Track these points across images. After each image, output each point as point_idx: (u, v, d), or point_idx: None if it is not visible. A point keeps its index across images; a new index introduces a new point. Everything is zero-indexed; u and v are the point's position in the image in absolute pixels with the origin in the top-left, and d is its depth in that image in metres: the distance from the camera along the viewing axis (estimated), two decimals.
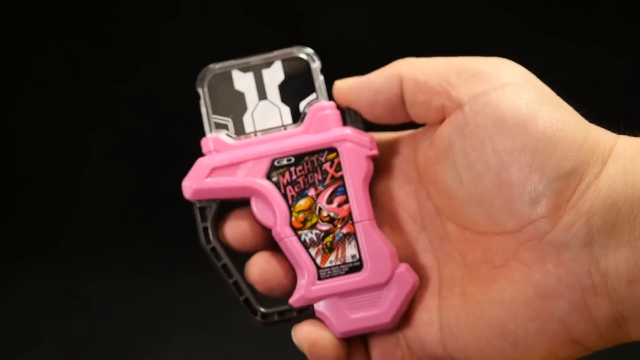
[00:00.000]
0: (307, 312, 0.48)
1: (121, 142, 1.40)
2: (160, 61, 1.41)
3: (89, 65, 1.42)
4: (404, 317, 0.48)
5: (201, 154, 0.50)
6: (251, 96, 0.51)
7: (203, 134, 0.50)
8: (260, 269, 0.48)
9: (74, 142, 1.40)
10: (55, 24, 1.42)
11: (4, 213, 1.39)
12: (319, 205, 0.48)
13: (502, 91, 0.44)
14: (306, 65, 0.51)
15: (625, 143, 0.43)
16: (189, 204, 0.50)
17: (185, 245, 1.20)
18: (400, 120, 0.49)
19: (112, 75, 1.41)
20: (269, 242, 0.50)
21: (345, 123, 0.50)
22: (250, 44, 0.56)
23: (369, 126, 0.50)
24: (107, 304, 1.28)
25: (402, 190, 0.50)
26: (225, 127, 0.50)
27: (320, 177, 0.48)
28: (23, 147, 1.42)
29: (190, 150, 0.51)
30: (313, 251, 0.48)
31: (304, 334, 0.48)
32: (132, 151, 1.39)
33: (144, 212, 1.36)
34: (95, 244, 1.35)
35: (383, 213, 0.50)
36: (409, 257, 0.49)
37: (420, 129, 0.50)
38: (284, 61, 0.51)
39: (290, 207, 0.48)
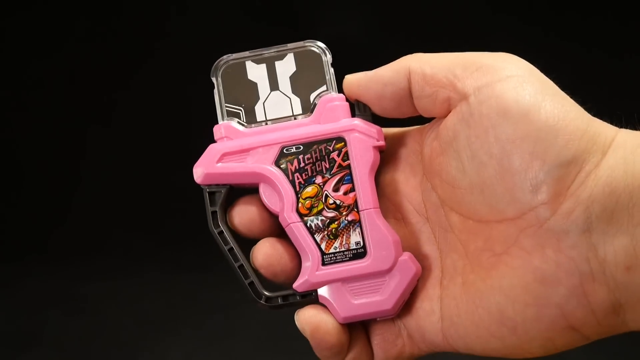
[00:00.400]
0: (310, 297, 0.49)
1: (121, 142, 1.40)
2: (160, 63, 1.41)
3: (88, 64, 1.43)
4: (406, 306, 0.49)
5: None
6: (263, 86, 0.52)
7: (205, 136, 0.52)
8: (265, 254, 0.49)
9: (74, 142, 1.41)
10: (55, 22, 1.42)
11: (4, 213, 1.39)
12: (325, 192, 0.49)
13: (506, 83, 0.45)
14: (318, 59, 0.52)
15: (625, 135, 0.44)
16: (189, 205, 0.51)
17: (185, 245, 1.21)
18: (408, 114, 0.51)
19: (112, 75, 1.41)
20: (275, 229, 0.51)
21: (354, 115, 0.51)
22: (250, 44, 0.57)
23: (377, 121, 0.51)
24: (107, 304, 1.28)
25: (407, 183, 0.51)
26: (237, 115, 0.51)
27: (327, 166, 0.50)
28: (23, 147, 1.42)
29: (191, 152, 0.52)
30: (318, 237, 0.49)
31: (306, 317, 0.48)
32: (133, 152, 1.39)
33: (144, 212, 1.36)
34: (95, 244, 1.36)
35: (389, 205, 0.51)
36: (413, 248, 0.50)
37: (427, 124, 0.52)
38: (296, 54, 0.52)
39: (297, 193, 0.49)
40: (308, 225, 0.49)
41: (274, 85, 0.52)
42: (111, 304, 1.28)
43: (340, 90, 0.52)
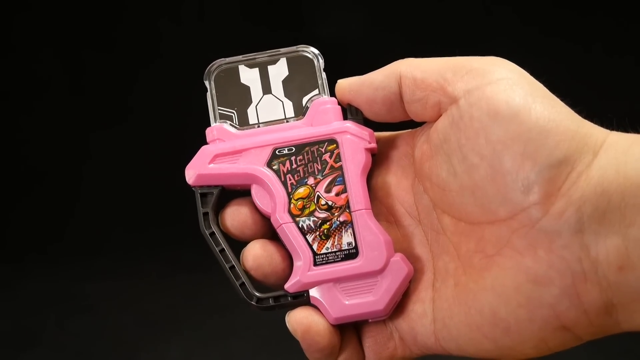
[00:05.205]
0: (302, 299, 0.49)
1: (122, 143, 1.40)
2: (161, 63, 1.42)
3: (90, 67, 1.43)
4: (398, 309, 0.49)
5: None
6: (256, 90, 0.52)
7: (204, 136, 0.52)
8: (255, 255, 0.49)
9: (75, 142, 1.41)
10: (57, 26, 1.43)
11: (4, 213, 1.40)
12: (317, 193, 0.49)
13: (496, 85, 0.45)
14: (310, 63, 0.52)
15: (617, 137, 0.44)
16: (189, 204, 0.51)
17: (186, 245, 1.21)
18: (399, 118, 0.51)
19: (114, 78, 1.41)
20: (267, 232, 0.51)
21: (346, 119, 0.51)
22: (250, 45, 0.57)
23: (369, 126, 0.52)
24: (107, 303, 1.28)
25: (399, 186, 0.52)
26: (229, 118, 0.52)
27: (319, 167, 0.50)
28: (24, 147, 1.43)
29: (191, 152, 0.52)
30: (310, 237, 0.49)
31: (297, 319, 0.48)
32: (133, 152, 1.40)
33: (144, 212, 1.36)
34: (96, 244, 1.36)
35: (381, 207, 0.52)
36: (405, 251, 0.50)
37: (418, 127, 0.52)
38: (289, 59, 0.53)
39: (289, 194, 0.49)
40: (300, 225, 0.49)
41: (266, 88, 0.52)
42: (111, 304, 1.28)
43: (332, 94, 0.52)
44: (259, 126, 0.51)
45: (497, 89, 0.44)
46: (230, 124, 0.51)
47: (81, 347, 1.21)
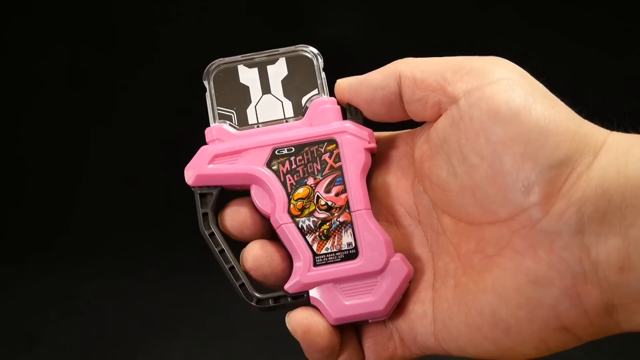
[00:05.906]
0: (301, 299, 0.49)
1: (121, 142, 1.40)
2: (160, 63, 1.42)
3: (89, 66, 1.43)
4: (398, 309, 0.49)
5: None
6: (255, 90, 0.52)
7: (203, 137, 0.52)
8: (255, 256, 0.49)
9: (75, 142, 1.41)
10: (56, 25, 1.43)
11: (4, 213, 1.39)
12: (317, 193, 0.49)
13: (496, 85, 0.45)
14: (309, 63, 0.52)
15: (617, 137, 0.44)
16: (189, 204, 0.51)
17: (185, 245, 1.21)
18: (398, 118, 0.51)
19: (113, 77, 1.41)
20: (267, 232, 0.51)
21: (345, 119, 0.51)
22: (250, 44, 0.57)
23: (369, 125, 0.52)
24: (107, 304, 1.28)
25: (399, 186, 0.51)
26: (229, 118, 0.52)
27: (319, 167, 0.50)
28: (24, 147, 1.42)
29: (190, 152, 0.52)
30: (310, 238, 0.49)
31: (297, 319, 0.48)
32: (132, 152, 1.39)
33: (143, 213, 1.36)
34: (95, 244, 1.36)
35: (381, 208, 0.51)
36: (405, 251, 0.50)
37: (418, 127, 0.52)
38: (288, 58, 0.53)
39: (289, 194, 0.49)
40: (299, 226, 0.49)
41: (265, 88, 0.52)
42: (111, 304, 1.28)
43: (332, 94, 0.52)
44: (258, 126, 0.51)
45: (497, 89, 0.44)
46: (230, 124, 0.51)
47: (81, 347, 1.21)
